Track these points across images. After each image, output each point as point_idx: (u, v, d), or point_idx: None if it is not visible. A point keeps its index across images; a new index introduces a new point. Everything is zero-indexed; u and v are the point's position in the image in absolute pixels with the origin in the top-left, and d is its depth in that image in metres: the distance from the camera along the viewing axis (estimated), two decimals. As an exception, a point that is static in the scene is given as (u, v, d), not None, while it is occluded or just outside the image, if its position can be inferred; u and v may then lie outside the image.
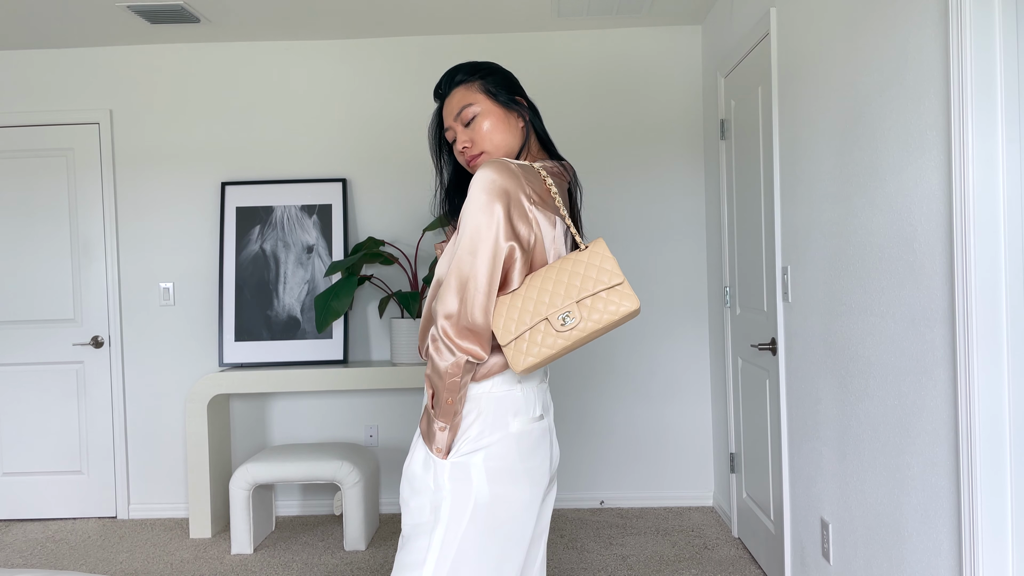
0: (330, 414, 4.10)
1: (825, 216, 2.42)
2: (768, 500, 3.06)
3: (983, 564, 1.66)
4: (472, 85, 1.64)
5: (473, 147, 1.61)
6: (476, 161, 1.62)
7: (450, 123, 1.65)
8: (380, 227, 4.06)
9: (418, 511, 1.51)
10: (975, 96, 1.63)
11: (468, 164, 1.64)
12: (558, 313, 1.44)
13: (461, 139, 1.63)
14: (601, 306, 1.45)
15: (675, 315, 4.01)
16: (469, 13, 3.72)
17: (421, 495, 1.51)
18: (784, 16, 2.73)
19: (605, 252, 1.48)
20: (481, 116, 1.62)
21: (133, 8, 3.50)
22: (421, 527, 1.49)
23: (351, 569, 3.33)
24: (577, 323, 1.44)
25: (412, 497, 1.53)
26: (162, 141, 4.09)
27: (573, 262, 1.49)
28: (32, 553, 3.63)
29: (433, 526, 1.48)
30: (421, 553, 1.47)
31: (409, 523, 1.53)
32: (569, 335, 1.45)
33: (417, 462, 1.53)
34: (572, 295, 1.45)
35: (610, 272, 1.46)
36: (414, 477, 1.53)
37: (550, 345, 1.44)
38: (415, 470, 1.53)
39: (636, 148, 4.00)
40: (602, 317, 1.45)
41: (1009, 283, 1.63)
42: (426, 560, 1.46)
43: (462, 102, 1.63)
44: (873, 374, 2.13)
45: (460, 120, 1.63)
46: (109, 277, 4.08)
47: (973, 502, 1.66)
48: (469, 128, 1.62)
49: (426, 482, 1.50)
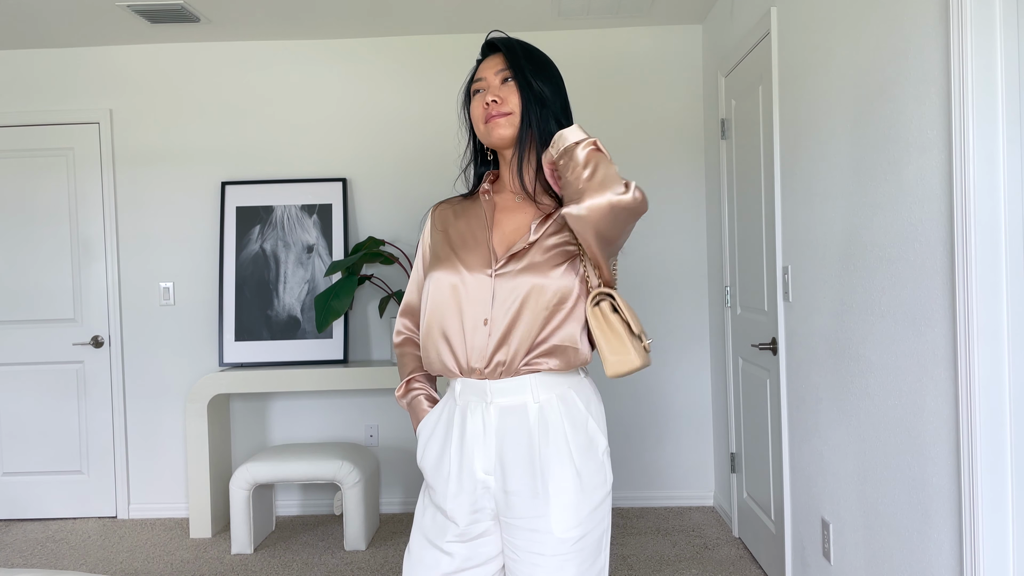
0: (330, 414, 4.09)
1: (826, 215, 2.42)
2: (769, 500, 3.06)
3: (983, 564, 1.65)
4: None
5: (503, 105, 1.51)
6: (497, 120, 1.51)
7: (486, 74, 1.54)
8: (380, 227, 4.06)
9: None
10: (976, 95, 1.63)
11: (486, 122, 1.53)
12: (641, 334, 1.50)
13: (493, 93, 1.52)
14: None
15: (675, 315, 4.01)
16: (469, 13, 3.72)
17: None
18: (785, 15, 2.73)
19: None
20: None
21: (133, 8, 3.50)
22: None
23: (351, 569, 3.33)
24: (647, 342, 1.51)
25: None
26: (162, 141, 4.09)
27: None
28: (32, 553, 3.63)
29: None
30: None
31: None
32: (647, 359, 1.50)
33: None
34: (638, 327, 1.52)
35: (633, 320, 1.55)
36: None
37: (640, 363, 1.49)
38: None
39: (636, 147, 4.00)
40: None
41: (1010, 282, 1.63)
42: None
43: (512, 65, 1.54)
44: (874, 374, 2.13)
45: (501, 73, 1.53)
46: (109, 277, 4.08)
47: (974, 502, 1.66)
48: (505, 86, 1.53)
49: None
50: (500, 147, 1.56)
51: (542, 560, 1.45)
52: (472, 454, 1.49)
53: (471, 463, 1.49)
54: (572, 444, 1.47)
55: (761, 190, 3.01)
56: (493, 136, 1.53)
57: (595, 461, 1.49)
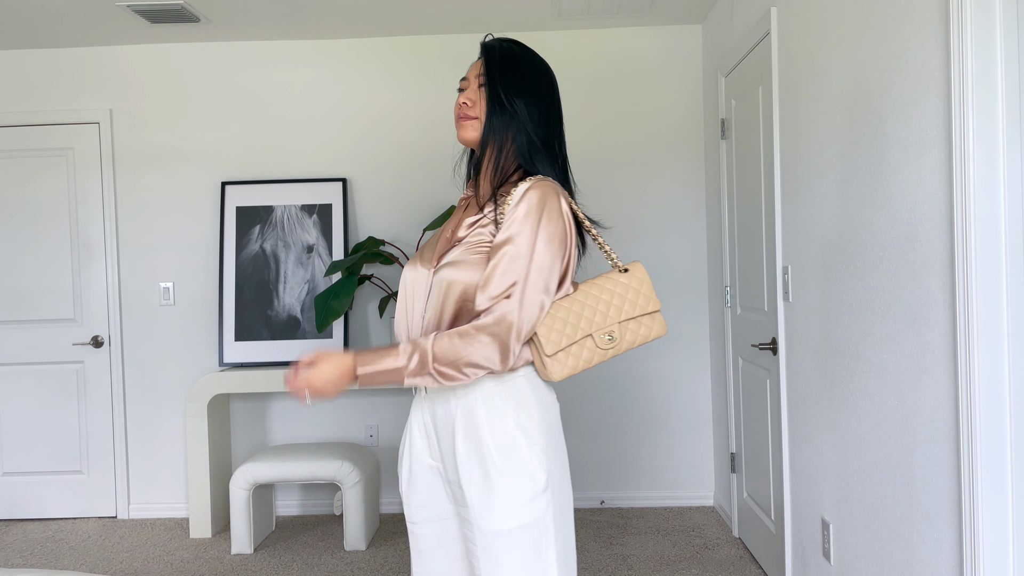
0: (330, 414, 4.09)
1: (826, 215, 2.42)
2: (769, 500, 3.06)
3: (984, 564, 1.65)
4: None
5: (472, 108, 1.57)
6: (463, 122, 1.58)
7: (470, 75, 1.60)
8: (380, 227, 4.06)
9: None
10: (976, 95, 1.63)
11: (458, 119, 1.59)
12: (604, 331, 1.51)
13: (466, 95, 1.58)
14: (641, 329, 1.54)
15: (675, 315, 4.01)
16: (469, 13, 3.72)
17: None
18: (785, 15, 2.73)
19: (645, 277, 1.56)
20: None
21: (133, 8, 3.50)
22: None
23: (351, 569, 3.33)
24: (617, 343, 1.52)
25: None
26: (162, 141, 4.09)
27: (614, 282, 1.54)
28: (32, 553, 3.63)
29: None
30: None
31: None
32: (606, 353, 1.52)
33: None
34: (617, 316, 1.52)
35: (647, 297, 1.54)
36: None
37: (587, 360, 1.51)
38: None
39: (636, 147, 4.00)
40: (635, 339, 1.54)
41: (1010, 283, 1.63)
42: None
43: (486, 73, 1.58)
44: (873, 374, 2.13)
45: (479, 78, 1.58)
46: (109, 277, 4.08)
47: (974, 502, 1.66)
48: (481, 90, 1.58)
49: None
50: (469, 146, 1.62)
51: (474, 549, 1.48)
52: (414, 441, 1.58)
53: (418, 450, 1.58)
54: (492, 442, 1.46)
55: (761, 190, 3.01)
56: (460, 135, 1.61)
57: (517, 460, 1.45)
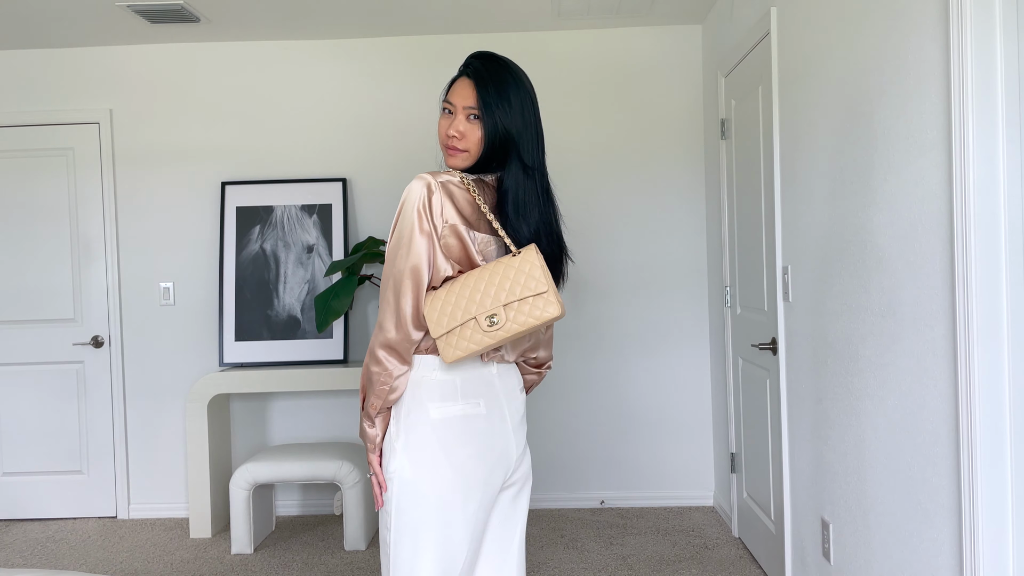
0: (330, 414, 4.09)
1: (825, 215, 2.42)
2: (769, 500, 3.06)
3: (984, 563, 1.65)
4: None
5: (462, 141, 1.63)
6: (453, 153, 1.65)
7: (457, 101, 1.64)
8: (380, 227, 4.06)
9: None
10: (975, 95, 1.63)
11: (445, 147, 1.66)
12: (485, 314, 1.55)
13: (456, 127, 1.63)
14: (527, 310, 1.56)
15: (675, 314, 4.01)
16: (469, 13, 3.72)
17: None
18: (784, 16, 2.73)
19: (535, 260, 1.58)
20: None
21: (133, 8, 3.50)
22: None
23: (351, 569, 3.33)
24: (503, 324, 1.56)
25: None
26: (162, 141, 4.09)
27: (505, 267, 1.58)
28: (32, 553, 3.63)
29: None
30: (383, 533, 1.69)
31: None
32: (495, 335, 1.56)
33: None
34: (500, 298, 1.56)
35: (537, 280, 1.56)
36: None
37: (477, 342, 1.56)
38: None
39: (636, 148, 4.00)
40: (527, 320, 1.56)
41: (1009, 282, 1.63)
42: (385, 540, 1.66)
43: (482, 100, 1.62)
44: (873, 373, 2.13)
45: (468, 111, 1.63)
46: (109, 277, 4.08)
47: (974, 501, 1.66)
48: (470, 123, 1.63)
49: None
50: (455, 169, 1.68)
51: None
52: None
53: None
54: (395, 410, 1.65)
55: (761, 190, 3.01)
56: (448, 162, 1.68)
57: (388, 446, 1.64)
